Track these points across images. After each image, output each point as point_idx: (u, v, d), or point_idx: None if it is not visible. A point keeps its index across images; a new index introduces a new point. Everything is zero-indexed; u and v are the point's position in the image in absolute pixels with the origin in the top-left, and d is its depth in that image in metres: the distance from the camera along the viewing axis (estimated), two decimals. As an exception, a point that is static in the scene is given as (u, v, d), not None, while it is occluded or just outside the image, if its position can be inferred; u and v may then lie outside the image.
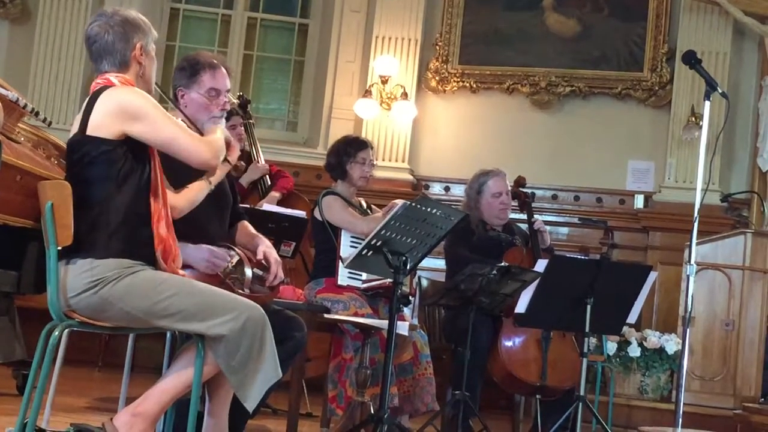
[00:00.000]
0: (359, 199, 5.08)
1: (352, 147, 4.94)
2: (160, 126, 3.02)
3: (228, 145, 3.40)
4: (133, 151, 3.03)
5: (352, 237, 4.78)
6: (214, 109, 3.63)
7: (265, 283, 3.51)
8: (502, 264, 4.46)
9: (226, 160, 3.41)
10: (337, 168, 4.94)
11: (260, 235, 3.71)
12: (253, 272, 3.43)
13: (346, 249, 4.70)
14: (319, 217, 4.80)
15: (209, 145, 3.18)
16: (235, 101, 5.52)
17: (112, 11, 3.17)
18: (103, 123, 3.00)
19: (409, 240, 3.67)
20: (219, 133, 3.33)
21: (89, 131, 3.02)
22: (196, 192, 3.39)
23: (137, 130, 2.99)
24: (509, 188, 5.39)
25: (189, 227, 3.35)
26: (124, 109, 2.99)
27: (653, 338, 6.61)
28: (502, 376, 4.91)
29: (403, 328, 4.20)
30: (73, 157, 3.10)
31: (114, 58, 3.13)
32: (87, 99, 3.09)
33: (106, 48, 3.12)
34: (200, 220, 3.45)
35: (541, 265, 4.47)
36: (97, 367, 7.08)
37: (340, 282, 4.73)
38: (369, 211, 5.05)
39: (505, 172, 5.44)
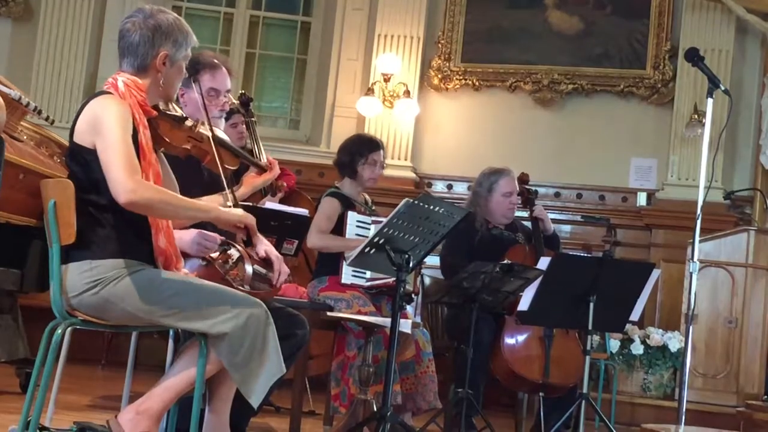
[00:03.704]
0: (364, 195, 5.08)
1: (366, 148, 4.94)
2: (107, 146, 2.88)
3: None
4: None
5: (356, 235, 4.78)
6: (213, 109, 3.63)
7: (270, 282, 3.50)
8: (505, 262, 4.46)
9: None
10: (348, 167, 4.94)
11: (258, 235, 3.71)
12: (253, 269, 3.42)
13: (349, 247, 4.71)
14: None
15: (140, 185, 2.85)
16: (236, 102, 5.51)
17: (151, 11, 3.08)
18: (82, 132, 2.98)
19: (411, 238, 3.67)
20: (204, 206, 3.11)
21: (75, 138, 3.01)
22: (200, 207, 3.29)
23: (96, 144, 2.93)
24: (517, 187, 5.39)
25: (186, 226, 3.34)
26: (95, 121, 2.94)
27: (656, 336, 6.62)
28: (505, 373, 4.91)
29: (405, 325, 4.21)
30: (70, 160, 3.09)
31: (134, 59, 3.07)
32: (81, 104, 3.08)
33: (129, 47, 3.06)
34: None
35: (543, 263, 4.47)
36: (101, 365, 7.09)
37: (344, 281, 4.74)
38: (373, 208, 5.06)
39: (513, 171, 5.44)
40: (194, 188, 3.41)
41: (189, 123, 3.25)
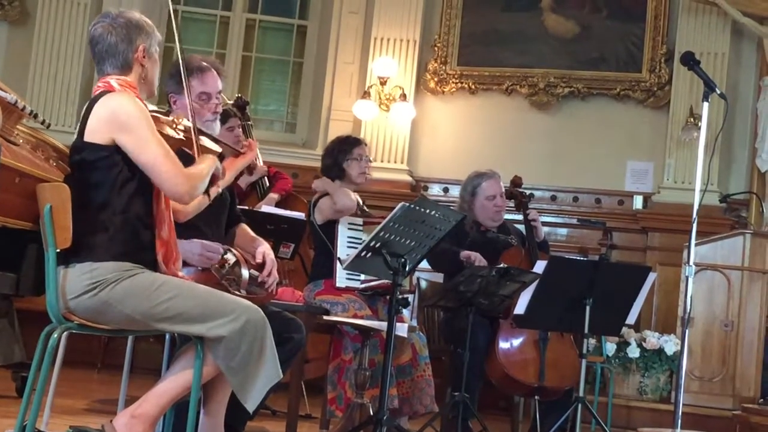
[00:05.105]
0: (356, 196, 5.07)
1: (347, 145, 4.94)
2: (144, 145, 2.97)
3: (215, 178, 3.25)
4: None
5: (349, 237, 4.78)
6: (205, 113, 3.64)
7: (260, 283, 3.51)
8: (501, 265, 4.46)
9: (206, 192, 3.26)
10: (334, 168, 4.93)
11: (259, 238, 3.72)
12: (249, 273, 3.43)
13: (343, 249, 4.71)
14: (315, 221, 4.82)
15: (189, 178, 3.03)
16: (230, 102, 5.51)
17: (117, 13, 3.16)
18: (98, 129, 3.00)
19: (407, 242, 3.67)
20: (207, 163, 3.18)
21: (86, 137, 3.02)
22: (205, 170, 3.34)
23: (124, 141, 2.97)
24: (503, 190, 5.38)
25: (186, 230, 3.35)
26: (115, 117, 2.98)
27: (652, 339, 6.61)
28: (500, 377, 4.91)
29: (402, 329, 4.21)
30: (73, 161, 3.11)
31: (116, 60, 3.12)
32: (87, 103, 3.09)
33: (108, 50, 3.11)
34: (197, 223, 3.45)
35: (540, 267, 4.47)
36: (97, 368, 7.08)
37: (338, 284, 4.73)
38: (365, 209, 5.06)
39: (499, 173, 5.43)
40: None
41: (171, 117, 3.29)
